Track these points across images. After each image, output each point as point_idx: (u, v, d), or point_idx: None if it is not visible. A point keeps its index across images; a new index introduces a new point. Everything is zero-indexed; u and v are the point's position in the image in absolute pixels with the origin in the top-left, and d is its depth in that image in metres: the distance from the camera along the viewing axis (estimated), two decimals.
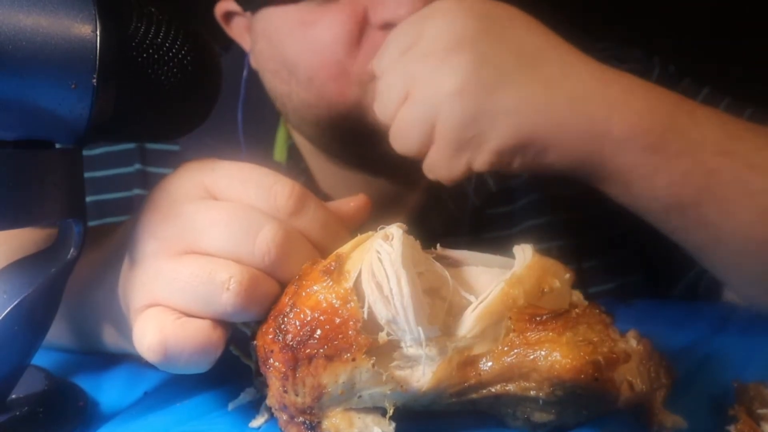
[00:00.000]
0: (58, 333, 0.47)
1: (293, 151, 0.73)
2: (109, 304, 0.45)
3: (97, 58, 0.36)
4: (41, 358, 0.44)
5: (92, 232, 0.42)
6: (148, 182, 0.75)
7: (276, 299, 0.40)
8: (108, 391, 0.49)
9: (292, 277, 0.40)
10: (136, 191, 0.76)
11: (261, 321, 0.39)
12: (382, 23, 0.60)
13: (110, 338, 0.49)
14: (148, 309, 0.39)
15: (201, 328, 0.38)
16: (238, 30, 0.73)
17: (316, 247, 0.41)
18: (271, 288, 0.39)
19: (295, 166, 0.72)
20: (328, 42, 0.62)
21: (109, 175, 0.76)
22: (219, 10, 0.73)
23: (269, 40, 0.66)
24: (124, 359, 0.52)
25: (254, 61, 0.71)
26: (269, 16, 0.65)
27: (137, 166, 0.76)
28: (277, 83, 0.68)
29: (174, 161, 0.74)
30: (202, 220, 0.39)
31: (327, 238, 0.42)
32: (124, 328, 0.43)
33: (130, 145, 0.76)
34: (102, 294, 0.47)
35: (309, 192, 0.42)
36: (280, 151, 0.73)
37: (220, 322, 0.39)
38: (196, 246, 0.39)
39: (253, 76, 0.72)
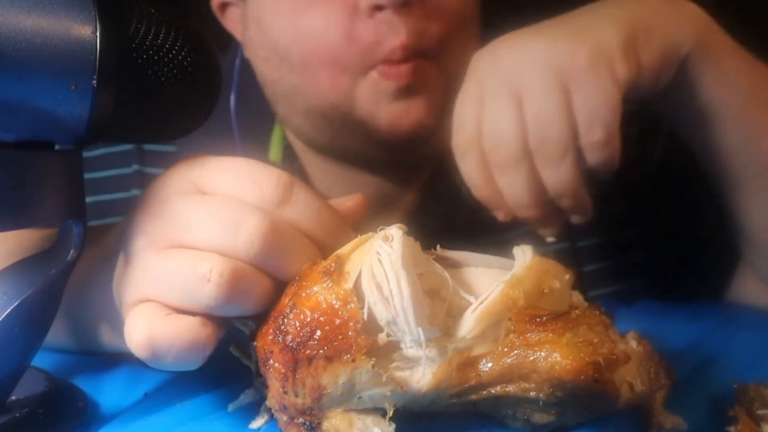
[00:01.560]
0: (56, 333, 0.47)
1: (288, 152, 0.73)
2: (105, 302, 0.45)
3: (97, 59, 0.36)
4: (41, 360, 0.44)
5: (90, 232, 0.42)
6: (146, 183, 0.75)
7: (270, 295, 0.39)
8: (108, 392, 0.49)
9: (285, 269, 0.39)
10: (135, 192, 0.76)
11: (260, 321, 0.40)
12: (371, 7, 0.60)
13: (107, 337, 0.49)
14: (139, 305, 0.39)
15: (190, 325, 0.38)
16: (232, 20, 0.73)
17: (310, 237, 0.41)
18: (259, 281, 0.39)
19: (289, 166, 0.73)
20: (320, 30, 0.62)
21: (108, 176, 0.76)
22: (215, 0, 0.73)
23: (260, 26, 0.67)
24: (124, 360, 0.52)
25: (246, 50, 0.72)
26: (261, 1, 0.66)
27: (135, 167, 0.76)
28: (267, 70, 0.68)
29: (171, 162, 0.73)
30: (186, 213, 0.39)
31: (320, 227, 0.41)
32: (119, 326, 0.44)
33: (128, 146, 0.76)
34: (98, 292, 0.47)
35: (298, 180, 0.41)
36: (275, 152, 0.73)
37: (212, 319, 0.39)
38: (182, 240, 0.39)
39: (246, 71, 0.72)
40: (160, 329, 0.37)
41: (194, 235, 0.39)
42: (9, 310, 0.39)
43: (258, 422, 0.42)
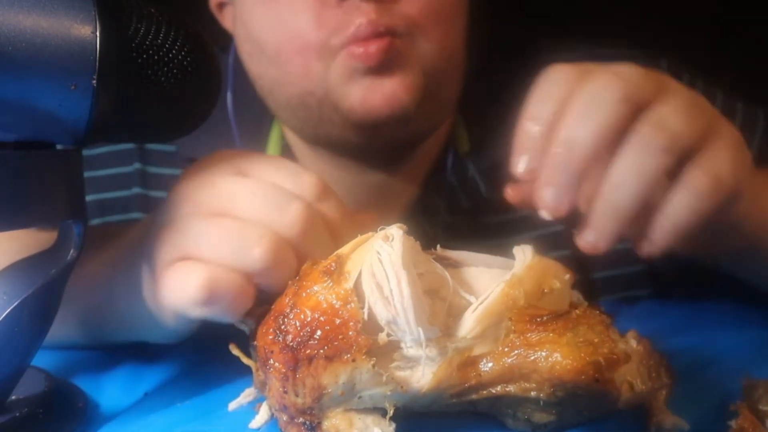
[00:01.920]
0: (68, 325, 0.48)
1: (286, 151, 0.74)
2: (127, 284, 0.47)
3: (97, 59, 0.36)
4: (41, 359, 0.45)
5: (95, 230, 0.43)
6: (148, 181, 0.76)
7: (293, 278, 0.40)
8: (108, 391, 0.49)
9: (310, 255, 0.41)
10: (136, 190, 0.76)
11: (260, 321, 0.40)
12: None
13: (123, 323, 0.50)
14: (180, 261, 0.41)
15: (241, 279, 0.41)
16: (229, 19, 0.74)
17: (332, 235, 0.44)
18: (293, 260, 0.42)
19: None
20: (291, 17, 0.62)
21: (110, 175, 0.76)
22: (213, 0, 0.74)
23: (242, 20, 0.67)
24: (124, 360, 0.52)
25: (237, 48, 0.72)
26: None
27: (137, 165, 0.76)
28: (252, 66, 0.69)
29: (173, 160, 0.74)
30: (237, 189, 0.43)
31: (342, 228, 0.45)
32: (140, 306, 0.45)
33: (130, 145, 0.76)
34: (121, 275, 0.48)
35: (330, 185, 0.45)
36: (272, 151, 0.74)
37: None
38: (231, 210, 0.42)
39: (241, 70, 0.72)
40: (218, 275, 0.40)
41: (243, 207, 0.42)
42: (9, 310, 0.39)
43: (258, 422, 0.42)
